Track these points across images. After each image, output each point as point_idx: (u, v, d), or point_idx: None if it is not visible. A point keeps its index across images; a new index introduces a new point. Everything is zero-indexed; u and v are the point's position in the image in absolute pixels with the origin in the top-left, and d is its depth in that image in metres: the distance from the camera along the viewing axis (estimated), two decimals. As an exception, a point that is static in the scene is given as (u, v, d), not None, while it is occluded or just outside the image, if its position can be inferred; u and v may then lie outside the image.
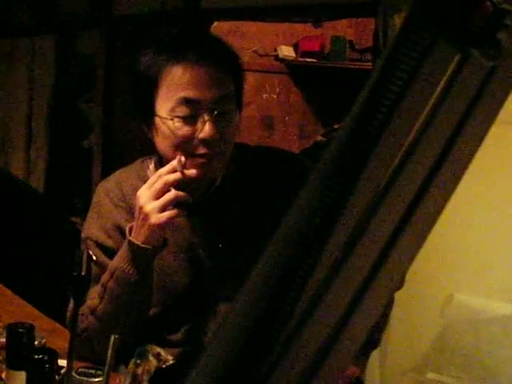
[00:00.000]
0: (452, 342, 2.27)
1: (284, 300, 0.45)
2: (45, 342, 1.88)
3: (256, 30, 4.29)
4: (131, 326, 1.84)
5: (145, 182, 1.90)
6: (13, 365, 1.19)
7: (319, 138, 4.02)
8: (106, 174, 4.47)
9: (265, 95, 4.28)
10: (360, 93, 0.48)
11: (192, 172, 1.73)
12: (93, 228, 1.93)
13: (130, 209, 1.89)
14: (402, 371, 2.73)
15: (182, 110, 1.73)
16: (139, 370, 1.17)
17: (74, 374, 1.09)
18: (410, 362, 2.67)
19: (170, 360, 1.31)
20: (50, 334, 2.00)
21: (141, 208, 1.72)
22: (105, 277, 1.80)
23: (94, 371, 1.12)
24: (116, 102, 4.42)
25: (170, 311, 1.89)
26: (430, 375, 2.57)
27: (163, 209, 1.70)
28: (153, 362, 1.25)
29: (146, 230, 1.72)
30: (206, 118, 1.72)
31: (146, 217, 1.70)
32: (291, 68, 4.44)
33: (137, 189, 1.89)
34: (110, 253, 1.88)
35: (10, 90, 5.67)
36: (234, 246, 1.88)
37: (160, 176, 1.72)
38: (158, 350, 1.28)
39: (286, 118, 4.44)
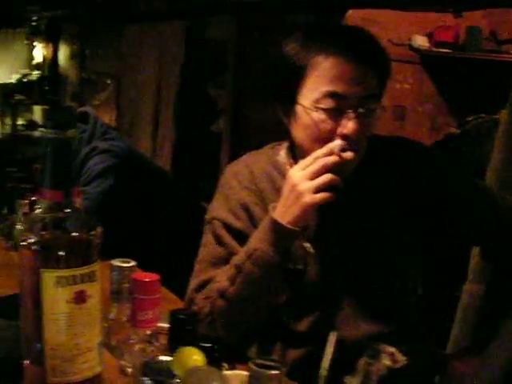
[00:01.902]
0: None
1: None
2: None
3: (390, 18, 4.20)
4: (260, 311, 1.82)
5: (275, 167, 1.90)
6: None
7: (452, 129, 3.90)
8: (234, 158, 4.52)
9: (398, 85, 4.20)
10: None
11: (349, 155, 1.69)
12: (220, 209, 1.92)
13: (260, 192, 1.88)
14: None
15: (327, 103, 1.71)
16: (371, 370, 1.13)
17: (251, 364, 1.06)
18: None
19: (404, 360, 1.27)
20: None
21: (294, 186, 1.69)
22: (240, 258, 1.77)
23: (271, 363, 1.09)
24: (246, 88, 4.43)
25: (296, 299, 1.85)
26: None
27: (317, 190, 1.67)
28: (385, 361, 1.21)
29: (297, 209, 1.69)
30: (351, 114, 1.70)
31: (300, 196, 1.68)
32: (425, 58, 4.34)
33: (267, 173, 1.90)
34: (238, 234, 1.86)
35: (140, 74, 5.76)
36: (360, 237, 1.84)
37: (317, 158, 1.69)
38: (392, 349, 1.24)
39: (418, 109, 4.34)
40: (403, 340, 1.74)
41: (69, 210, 1.07)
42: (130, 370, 1.43)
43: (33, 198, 2.05)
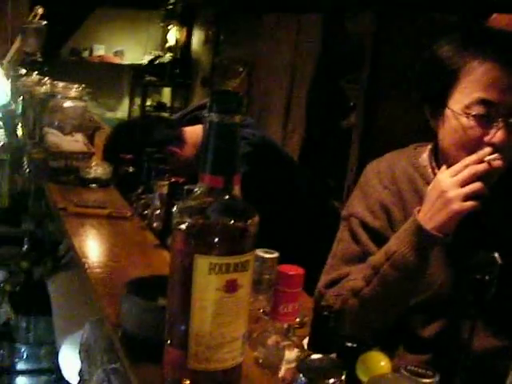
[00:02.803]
0: None
1: None
2: (306, 320, 1.86)
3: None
4: (392, 314, 1.80)
5: (416, 168, 1.88)
6: (319, 350, 1.15)
7: None
8: (364, 156, 4.51)
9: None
10: None
11: (498, 163, 1.67)
12: (358, 206, 1.90)
13: (399, 192, 1.86)
14: None
15: (478, 110, 1.68)
16: None
17: (402, 370, 1.03)
18: None
19: None
20: (310, 312, 1.98)
21: (443, 192, 1.66)
22: (378, 259, 1.75)
23: (423, 371, 1.06)
24: (381, 84, 4.37)
25: (425, 304, 1.82)
26: None
27: (467, 198, 1.65)
28: None
29: (444, 216, 1.66)
30: (501, 123, 1.67)
31: (448, 202, 1.65)
32: None
33: (408, 174, 1.88)
34: (374, 234, 1.85)
35: (274, 64, 5.78)
36: (497, 249, 1.79)
37: (467, 165, 1.66)
38: None
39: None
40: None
41: (227, 197, 1.06)
42: (262, 361, 1.41)
43: (172, 180, 2.07)
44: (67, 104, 3.19)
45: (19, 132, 3.78)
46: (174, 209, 1.07)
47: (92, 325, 1.92)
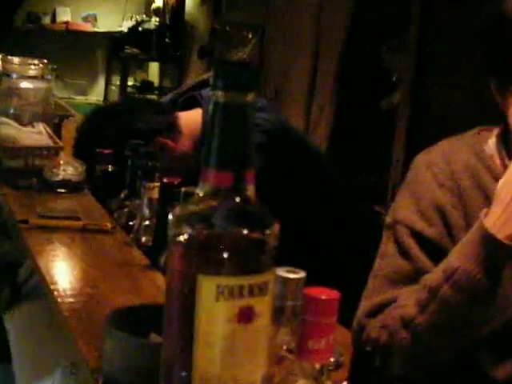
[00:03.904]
0: None
1: None
2: (343, 360, 1.87)
3: None
4: (454, 349, 1.79)
5: (480, 159, 1.88)
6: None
7: None
8: (411, 145, 4.50)
9: None
10: None
11: None
12: (407, 210, 1.90)
13: (458, 191, 1.86)
14: None
15: None
16: None
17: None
18: None
19: None
20: (347, 349, 1.98)
21: None
22: (434, 278, 1.74)
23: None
24: (433, 53, 4.37)
25: (497, 336, 1.81)
26: None
27: None
28: None
29: None
30: None
31: None
32: None
33: (469, 167, 1.88)
34: (429, 245, 1.84)
35: (292, 28, 5.79)
36: None
37: None
38: None
39: None
40: None
41: (238, 200, 1.06)
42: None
43: (165, 181, 2.08)
44: (25, 85, 3.20)
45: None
46: (170, 217, 1.07)
47: (64, 371, 1.92)
